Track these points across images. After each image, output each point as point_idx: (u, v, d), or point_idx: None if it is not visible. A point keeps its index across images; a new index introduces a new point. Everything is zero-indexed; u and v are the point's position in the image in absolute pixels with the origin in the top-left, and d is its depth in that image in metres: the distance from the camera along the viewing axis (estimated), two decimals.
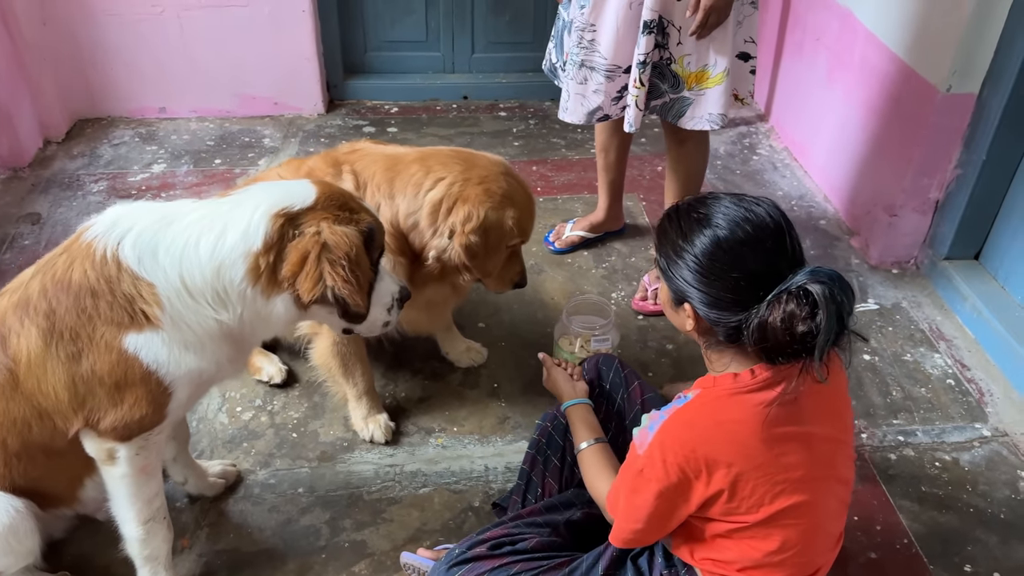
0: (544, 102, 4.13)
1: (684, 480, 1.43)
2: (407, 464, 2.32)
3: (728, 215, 1.43)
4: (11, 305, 1.62)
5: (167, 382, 1.61)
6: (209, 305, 1.58)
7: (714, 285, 1.42)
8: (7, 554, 1.73)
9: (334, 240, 1.57)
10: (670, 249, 1.47)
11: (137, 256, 1.56)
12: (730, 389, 1.44)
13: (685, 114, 2.47)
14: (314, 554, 2.08)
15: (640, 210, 3.40)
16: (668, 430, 1.43)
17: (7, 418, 1.64)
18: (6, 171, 3.50)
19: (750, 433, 1.41)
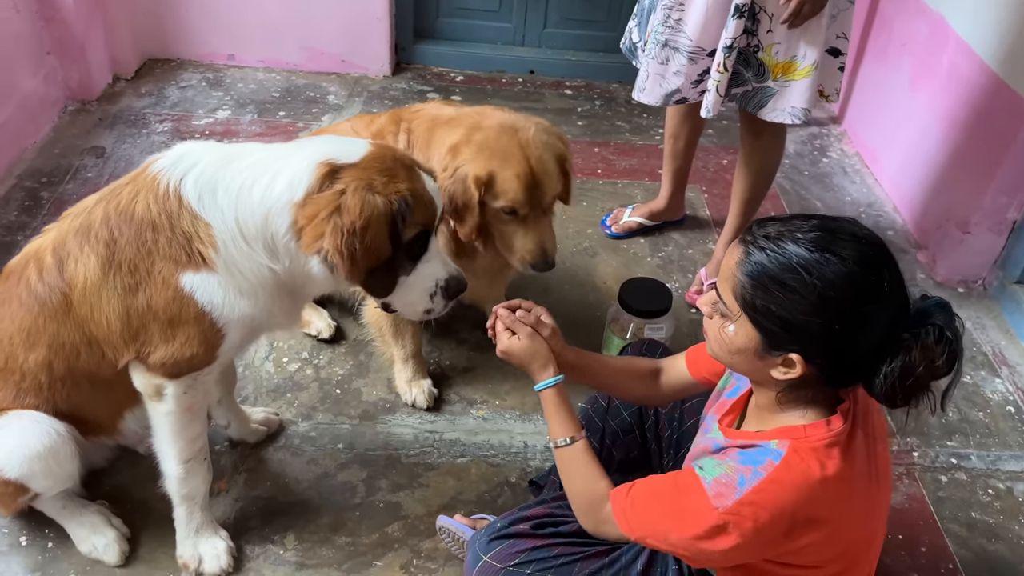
0: (612, 83, 4.06)
1: (772, 539, 1.32)
2: (447, 432, 2.30)
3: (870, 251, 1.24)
4: (72, 229, 1.61)
5: (220, 324, 1.60)
6: (263, 252, 1.55)
7: (860, 335, 1.24)
8: (47, 476, 1.74)
9: (350, 204, 1.47)
10: (790, 292, 1.24)
11: (198, 193, 1.54)
12: (826, 439, 1.30)
13: (767, 105, 2.39)
14: (348, 510, 2.07)
15: (701, 202, 3.33)
16: (767, 491, 1.28)
17: (56, 341, 1.65)
18: (75, 103, 3.53)
19: (852, 487, 1.32)
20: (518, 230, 2.08)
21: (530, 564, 1.61)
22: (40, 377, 1.69)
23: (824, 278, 1.22)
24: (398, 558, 1.98)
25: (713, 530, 1.30)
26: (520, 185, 2.00)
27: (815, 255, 1.23)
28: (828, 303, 1.22)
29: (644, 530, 1.41)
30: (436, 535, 2.00)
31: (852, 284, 1.22)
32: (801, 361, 1.27)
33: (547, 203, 2.08)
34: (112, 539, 1.89)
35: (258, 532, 2.01)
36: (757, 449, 1.33)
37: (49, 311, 1.62)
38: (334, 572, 1.94)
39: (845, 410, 1.34)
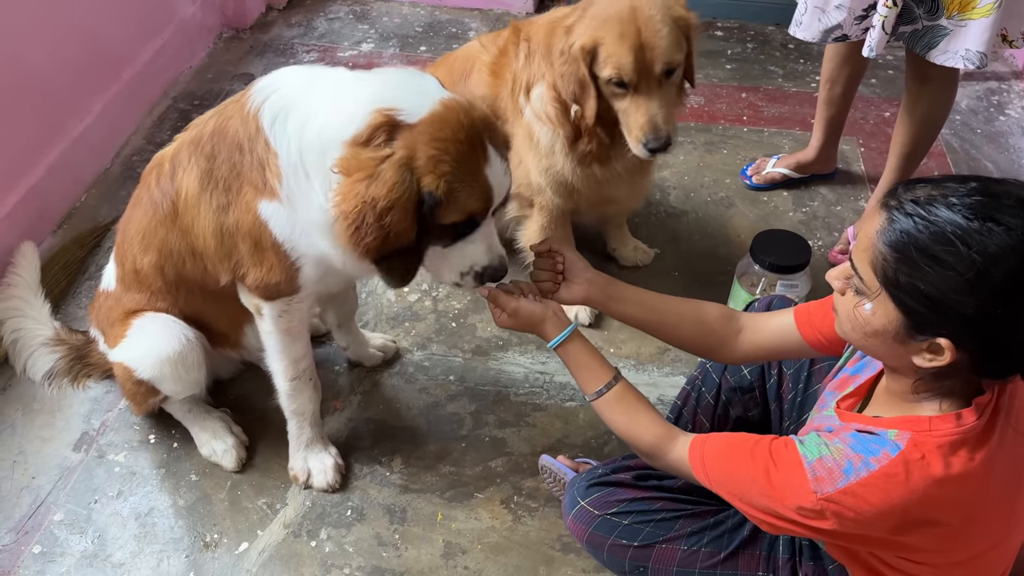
0: (767, 25, 3.79)
1: (876, 533, 1.21)
2: (557, 375, 2.25)
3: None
4: (188, 140, 1.64)
5: (293, 257, 1.57)
6: (320, 188, 1.43)
7: (1019, 313, 1.07)
8: (175, 381, 1.83)
9: (385, 177, 1.32)
10: (944, 268, 1.07)
11: (272, 119, 1.47)
12: (953, 436, 1.16)
13: (937, 46, 2.14)
14: (455, 441, 2.08)
15: (856, 156, 3.07)
16: (877, 485, 1.16)
17: (165, 247, 1.70)
18: (229, 30, 3.66)
19: (975, 489, 1.17)
20: (630, 105, 1.92)
21: (629, 515, 1.56)
22: (158, 280, 1.76)
23: (985, 251, 1.05)
24: (499, 492, 1.97)
25: (807, 512, 1.20)
26: (625, 48, 1.83)
27: (974, 223, 1.06)
28: (988, 281, 1.05)
29: (724, 486, 1.32)
30: (538, 475, 1.97)
31: (1019, 259, 1.05)
32: (951, 347, 1.11)
33: (659, 71, 1.88)
34: (231, 445, 1.99)
35: (367, 452, 2.06)
36: (873, 437, 1.19)
37: (160, 217, 1.68)
38: (436, 499, 1.96)
39: (982, 403, 1.18)
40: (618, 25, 1.85)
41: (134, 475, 2.00)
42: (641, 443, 1.45)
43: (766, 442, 1.30)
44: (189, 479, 1.99)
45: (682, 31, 1.91)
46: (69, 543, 1.86)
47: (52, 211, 2.61)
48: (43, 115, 2.56)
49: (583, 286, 1.58)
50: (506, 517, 1.93)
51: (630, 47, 1.85)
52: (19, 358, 2.06)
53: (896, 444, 1.17)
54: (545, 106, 2.04)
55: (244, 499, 1.96)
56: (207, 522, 1.91)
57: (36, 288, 2.17)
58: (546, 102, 2.03)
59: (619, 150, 2.06)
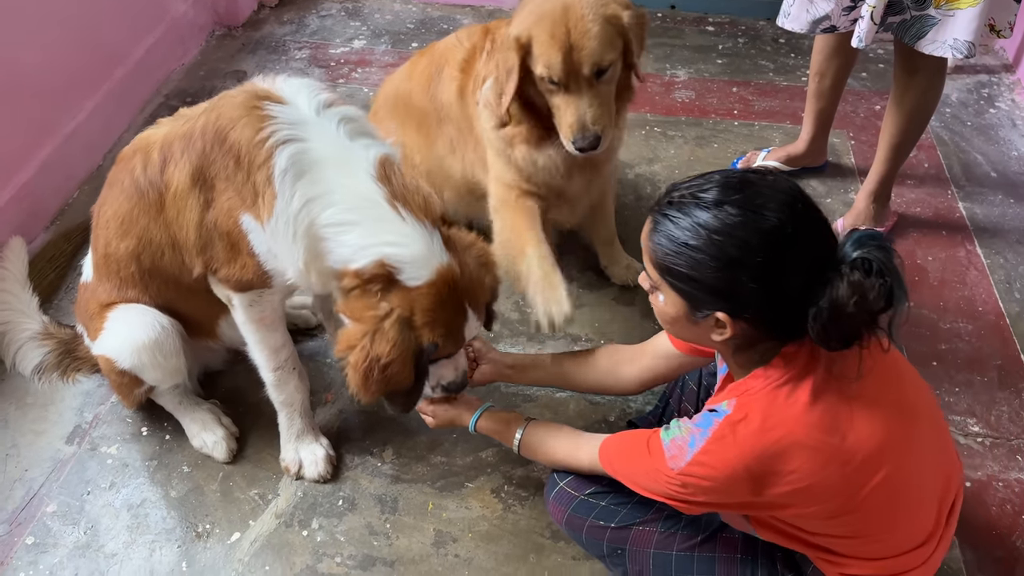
0: (758, 20, 3.81)
1: (740, 493, 1.31)
2: None
3: (770, 195, 1.23)
4: (179, 133, 1.65)
5: (266, 268, 1.64)
6: (301, 255, 1.56)
7: (771, 282, 1.22)
8: (155, 368, 1.85)
9: (386, 337, 1.51)
10: (692, 251, 1.24)
11: (285, 168, 1.51)
12: (765, 387, 1.29)
13: (925, 36, 2.16)
14: (446, 432, 2.09)
15: (847, 149, 3.09)
16: (713, 450, 1.29)
17: (145, 235, 1.72)
18: (221, 28, 3.67)
19: (801, 430, 1.26)
20: (561, 103, 1.93)
21: (606, 495, 1.59)
22: (131, 267, 1.78)
23: (720, 231, 1.22)
24: (490, 482, 1.98)
25: (675, 488, 1.34)
26: (555, 48, 1.85)
27: (711, 211, 1.23)
28: (729, 255, 1.22)
29: (627, 477, 1.47)
30: (528, 465, 1.98)
31: (749, 232, 1.21)
32: (728, 319, 1.27)
33: (587, 72, 1.88)
34: (221, 437, 2.00)
35: (359, 443, 2.07)
36: (713, 412, 1.33)
37: (144, 205, 1.70)
38: (427, 488, 1.97)
39: (789, 353, 1.29)
40: (550, 24, 1.86)
41: (126, 467, 2.00)
42: (560, 461, 1.64)
43: (646, 435, 1.43)
44: (181, 470, 2.00)
45: (616, 29, 1.89)
46: (62, 534, 1.87)
47: (45, 208, 2.62)
48: (36, 113, 2.57)
49: (490, 366, 1.89)
50: (496, 506, 1.94)
51: (559, 47, 1.85)
52: (8, 352, 2.06)
53: (726, 411, 1.31)
54: (490, 94, 2.05)
55: (236, 490, 1.96)
56: (199, 513, 1.92)
57: (24, 282, 2.17)
58: (491, 91, 2.04)
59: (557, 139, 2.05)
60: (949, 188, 2.92)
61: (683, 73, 3.46)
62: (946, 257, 2.64)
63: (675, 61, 3.54)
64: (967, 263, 2.62)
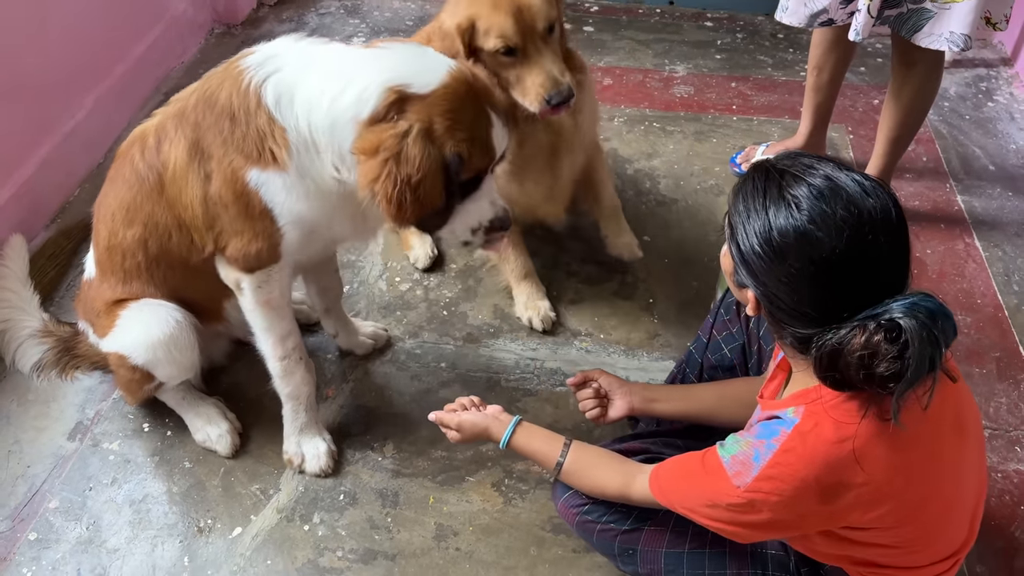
0: (757, 16, 3.81)
1: (808, 508, 1.25)
2: (548, 361, 2.27)
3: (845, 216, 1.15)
4: (171, 113, 1.67)
5: (280, 223, 1.63)
6: (331, 160, 1.54)
7: (797, 291, 1.19)
8: (169, 364, 1.85)
9: (410, 154, 1.44)
10: (747, 222, 1.22)
11: (276, 97, 1.54)
12: (840, 396, 1.23)
13: (922, 29, 2.16)
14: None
15: (846, 143, 3.09)
16: (782, 463, 1.23)
17: (151, 220, 1.72)
18: (221, 26, 3.68)
19: (876, 442, 1.21)
20: (522, 70, 1.95)
21: None
22: (138, 255, 1.78)
23: (775, 220, 1.19)
24: (490, 476, 1.99)
25: (741, 508, 1.27)
26: (502, 15, 1.89)
27: (783, 200, 1.19)
28: (772, 243, 1.19)
29: (682, 504, 1.39)
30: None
31: (795, 237, 1.17)
32: (754, 300, 1.26)
33: (542, 27, 1.93)
34: (225, 431, 2.00)
35: (360, 438, 2.07)
36: (776, 421, 1.27)
37: (146, 190, 1.70)
38: (428, 482, 1.98)
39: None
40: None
41: (128, 463, 2.01)
42: (608, 493, 1.53)
43: (700, 455, 1.36)
44: (183, 466, 2.01)
45: None
46: (64, 530, 1.88)
47: (45, 206, 2.63)
48: (36, 110, 2.58)
49: (624, 400, 1.74)
50: (497, 500, 1.95)
51: (507, 12, 1.89)
52: (8, 350, 2.07)
53: (792, 420, 1.24)
54: None
55: (237, 485, 1.97)
56: (201, 508, 1.93)
57: (25, 280, 2.17)
58: None
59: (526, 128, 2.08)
60: (947, 181, 2.92)
61: (682, 68, 3.47)
62: (944, 250, 2.64)
63: (674, 57, 3.54)
64: (966, 256, 2.62)
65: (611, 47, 3.60)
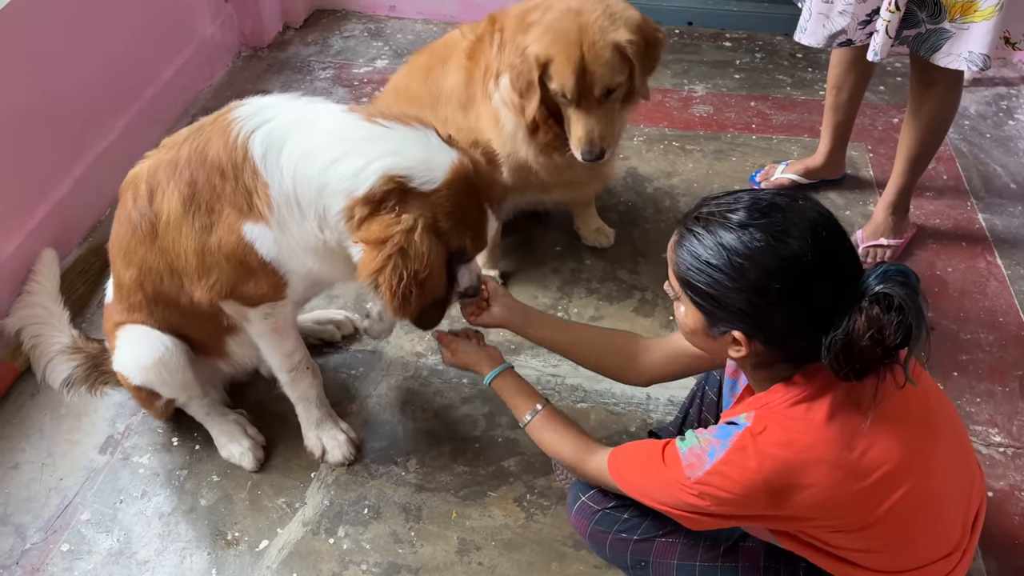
0: (776, 36, 3.84)
1: (757, 507, 1.31)
2: (569, 377, 2.29)
3: (796, 221, 1.23)
4: (163, 162, 1.67)
5: (281, 272, 1.66)
6: (313, 220, 1.55)
7: (788, 309, 1.24)
8: (162, 384, 1.91)
9: (417, 251, 1.46)
10: (713, 270, 1.25)
11: (264, 150, 1.54)
12: (784, 402, 1.31)
13: (941, 49, 2.18)
14: (468, 442, 2.12)
15: (865, 162, 3.10)
16: (732, 461, 1.29)
17: (144, 264, 1.76)
18: (248, 49, 3.76)
19: (820, 444, 1.27)
20: (572, 116, 2.10)
21: (627, 508, 1.60)
22: (138, 294, 1.83)
23: (742, 254, 1.23)
24: (512, 491, 2.01)
25: (691, 498, 1.33)
26: (570, 72, 2.01)
27: (736, 232, 1.24)
28: (746, 277, 1.23)
29: (636, 488, 1.46)
30: (550, 473, 2.01)
31: (769, 258, 1.21)
32: (744, 339, 1.28)
33: (598, 94, 2.05)
34: (247, 447, 2.04)
35: (384, 453, 2.10)
36: (733, 425, 1.33)
37: (139, 236, 1.73)
38: (450, 497, 2.00)
39: (811, 371, 1.30)
40: (566, 48, 2.00)
41: (157, 476, 2.05)
42: (564, 458, 1.61)
43: (660, 444, 1.42)
44: (211, 480, 2.05)
45: (623, 55, 2.04)
46: (96, 541, 1.92)
47: (78, 224, 2.70)
48: (70, 131, 2.65)
49: (501, 310, 1.82)
50: (519, 515, 1.97)
51: (573, 71, 2.01)
52: (38, 365, 2.12)
53: (745, 424, 1.31)
54: (511, 95, 2.15)
55: (264, 498, 2.01)
56: (228, 521, 1.96)
57: (56, 296, 2.23)
58: (511, 91, 2.14)
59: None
60: (968, 199, 2.92)
61: (701, 88, 3.50)
62: (966, 268, 2.64)
63: (693, 76, 3.57)
64: (987, 274, 2.62)
65: None
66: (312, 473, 2.05)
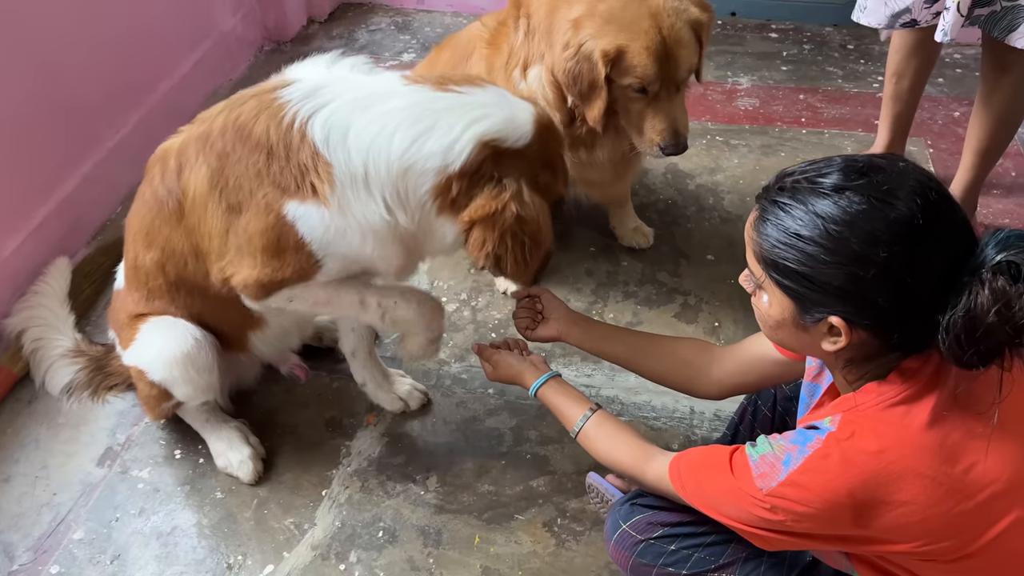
0: (825, 27, 3.62)
1: (839, 525, 1.14)
2: (604, 388, 2.10)
3: (901, 181, 1.07)
4: (194, 136, 1.56)
5: (318, 256, 1.51)
6: (384, 202, 1.45)
7: (896, 284, 1.06)
8: (186, 383, 1.74)
9: (530, 216, 1.44)
10: (806, 243, 1.08)
11: (325, 134, 1.43)
12: (878, 404, 1.13)
13: (1018, 28, 1.96)
14: (494, 458, 1.94)
15: (925, 157, 2.87)
16: (813, 469, 1.13)
17: (168, 245, 1.63)
18: (271, 44, 3.63)
19: (918, 455, 1.09)
20: (647, 109, 1.91)
21: (674, 539, 1.41)
22: (159, 279, 1.69)
23: (841, 221, 1.06)
24: (541, 514, 1.83)
25: (763, 512, 1.17)
26: (651, 59, 1.82)
27: (831, 197, 1.08)
28: (849, 249, 1.06)
29: (700, 498, 1.29)
30: (584, 495, 1.82)
31: (875, 223, 1.05)
32: (843, 325, 1.10)
33: (681, 78, 1.90)
34: (246, 456, 1.88)
35: (401, 470, 1.93)
36: (814, 430, 1.17)
37: (165, 215, 1.61)
38: (473, 520, 1.82)
39: (909, 369, 1.12)
40: (642, 35, 1.82)
41: (157, 492, 1.90)
42: (622, 464, 1.45)
43: (728, 451, 1.26)
44: (214, 496, 1.89)
45: (695, 32, 1.89)
46: (88, 563, 1.77)
47: (86, 223, 2.57)
48: (77, 126, 2.52)
49: (558, 322, 1.69)
50: (549, 541, 1.78)
51: (656, 58, 1.83)
52: (38, 370, 1.99)
53: (829, 428, 1.14)
54: (543, 89, 1.98)
55: (271, 518, 1.84)
56: (231, 542, 1.80)
57: (63, 300, 2.11)
58: (544, 85, 1.98)
59: (608, 139, 2.05)
60: None
61: (745, 80, 3.29)
62: None
63: (737, 68, 3.37)
64: None
65: None
66: (323, 491, 1.89)
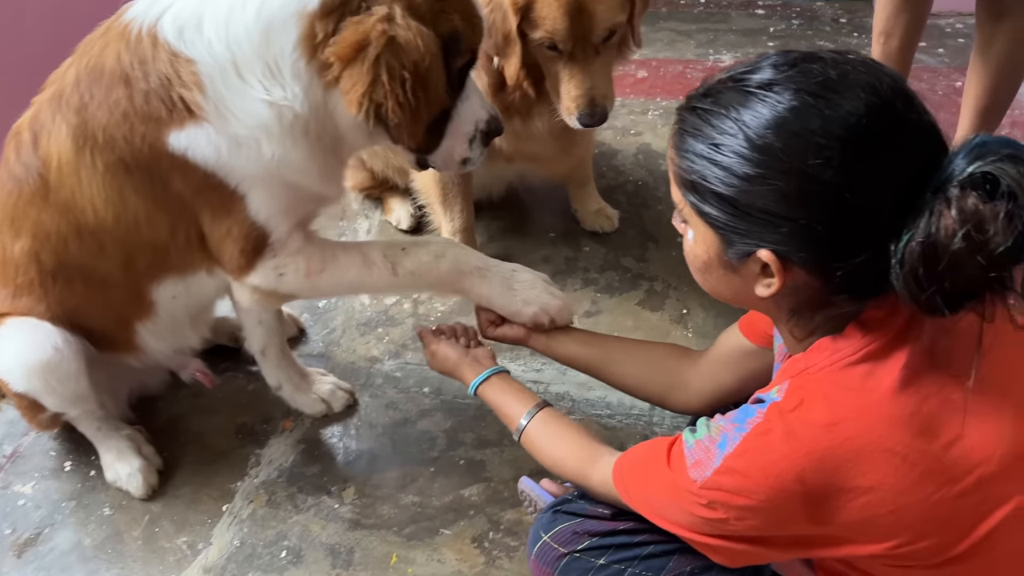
0: (815, 2, 3.39)
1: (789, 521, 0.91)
2: (554, 384, 1.86)
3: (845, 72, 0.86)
4: (46, 99, 1.35)
5: (232, 184, 1.28)
6: (259, 82, 1.21)
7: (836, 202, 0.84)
8: (50, 393, 1.53)
9: (406, 39, 1.15)
10: (725, 156, 0.87)
11: (178, 29, 1.23)
12: (832, 364, 0.91)
13: None
14: (422, 465, 1.70)
15: None
16: (752, 451, 0.91)
17: (39, 230, 1.40)
18: None
19: (885, 426, 0.84)
20: (563, 72, 1.69)
21: (604, 551, 1.16)
22: (30, 271, 1.46)
23: (763, 123, 0.86)
24: (471, 528, 1.58)
25: (701, 509, 0.94)
26: (561, 12, 1.61)
27: (754, 95, 0.87)
28: (771, 157, 0.85)
29: (643, 502, 1.07)
30: (521, 504, 1.57)
31: (799, 122, 0.84)
32: (774, 260, 0.89)
33: (598, 37, 1.66)
34: (137, 468, 1.65)
35: (315, 481, 1.69)
36: (759, 404, 0.95)
37: (28, 195, 1.39)
38: (392, 536, 1.58)
39: (873, 319, 0.90)
40: None
41: (39, 509, 1.67)
42: (566, 469, 1.24)
43: (667, 442, 1.04)
44: (101, 513, 1.66)
45: None
46: None
47: None
48: None
49: (518, 325, 1.46)
50: (477, 559, 1.53)
51: (566, 11, 1.62)
52: None
53: (775, 398, 0.93)
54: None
55: (162, 537, 1.61)
56: (114, 566, 1.56)
57: None
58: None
59: (545, 108, 1.82)
60: None
61: (728, 58, 3.06)
62: None
63: (719, 46, 3.14)
64: None
65: (648, 39, 3.19)
66: (224, 506, 1.65)
